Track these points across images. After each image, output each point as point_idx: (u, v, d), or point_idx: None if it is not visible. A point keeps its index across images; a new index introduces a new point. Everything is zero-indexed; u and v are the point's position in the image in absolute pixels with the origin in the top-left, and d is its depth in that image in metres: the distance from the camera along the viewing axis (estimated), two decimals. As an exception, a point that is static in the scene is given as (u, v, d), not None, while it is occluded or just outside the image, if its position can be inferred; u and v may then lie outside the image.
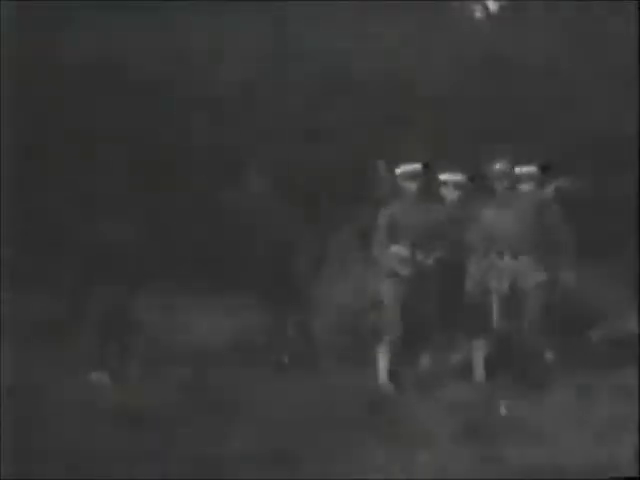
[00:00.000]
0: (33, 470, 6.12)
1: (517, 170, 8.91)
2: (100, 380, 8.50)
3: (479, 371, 8.63)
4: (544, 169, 9.01)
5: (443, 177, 8.95)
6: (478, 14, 15.08)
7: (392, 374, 8.52)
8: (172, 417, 7.25)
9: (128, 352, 8.98)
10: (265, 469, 6.22)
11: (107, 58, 12.19)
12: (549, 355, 8.82)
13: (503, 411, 7.53)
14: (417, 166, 8.64)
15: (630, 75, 11.97)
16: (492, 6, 15.05)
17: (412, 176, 8.61)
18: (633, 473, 6.01)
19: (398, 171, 8.69)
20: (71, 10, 12.16)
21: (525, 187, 8.88)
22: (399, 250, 8.53)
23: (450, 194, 8.93)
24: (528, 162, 8.92)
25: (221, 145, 11.90)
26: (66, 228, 9.02)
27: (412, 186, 8.62)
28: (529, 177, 8.89)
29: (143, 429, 6.94)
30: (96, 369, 8.56)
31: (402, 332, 8.48)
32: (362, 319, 9.91)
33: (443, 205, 8.95)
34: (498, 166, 8.70)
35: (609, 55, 12.42)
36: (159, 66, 12.24)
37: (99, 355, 8.64)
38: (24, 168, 11.42)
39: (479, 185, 8.97)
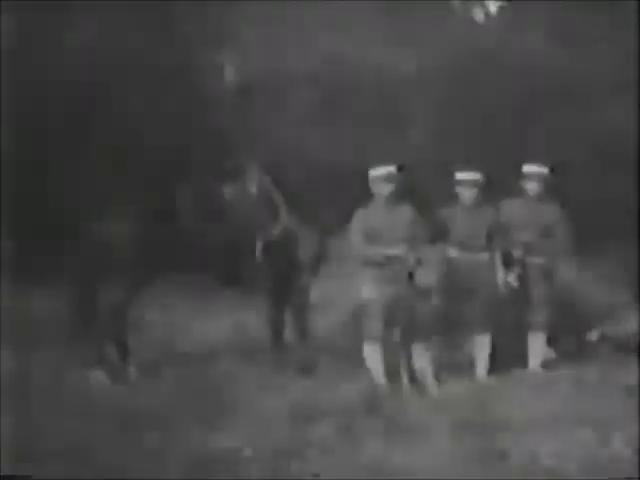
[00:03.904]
0: (32, 469, 6.12)
1: (525, 169, 8.92)
2: (99, 379, 8.47)
3: (482, 368, 8.66)
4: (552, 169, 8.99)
5: (459, 176, 8.87)
6: (478, 15, 15.15)
7: (388, 373, 8.49)
8: (171, 416, 7.25)
9: (127, 351, 8.97)
10: (265, 467, 6.22)
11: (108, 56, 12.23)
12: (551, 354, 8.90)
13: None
14: (391, 169, 8.59)
15: (629, 75, 12.00)
16: (492, 7, 15.12)
17: (386, 179, 8.57)
18: (633, 473, 6.01)
19: (371, 174, 8.54)
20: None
21: (532, 186, 8.89)
22: (369, 251, 8.50)
23: (465, 193, 8.86)
24: (532, 162, 8.94)
25: (221, 143, 11.90)
26: (66, 226, 9.01)
27: (385, 188, 8.57)
28: (537, 177, 8.89)
29: (142, 428, 6.93)
30: (95, 368, 8.52)
31: (400, 331, 8.45)
32: (355, 319, 9.93)
33: (457, 204, 8.89)
34: None
35: (608, 55, 12.44)
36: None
37: (98, 354, 8.60)
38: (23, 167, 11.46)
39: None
